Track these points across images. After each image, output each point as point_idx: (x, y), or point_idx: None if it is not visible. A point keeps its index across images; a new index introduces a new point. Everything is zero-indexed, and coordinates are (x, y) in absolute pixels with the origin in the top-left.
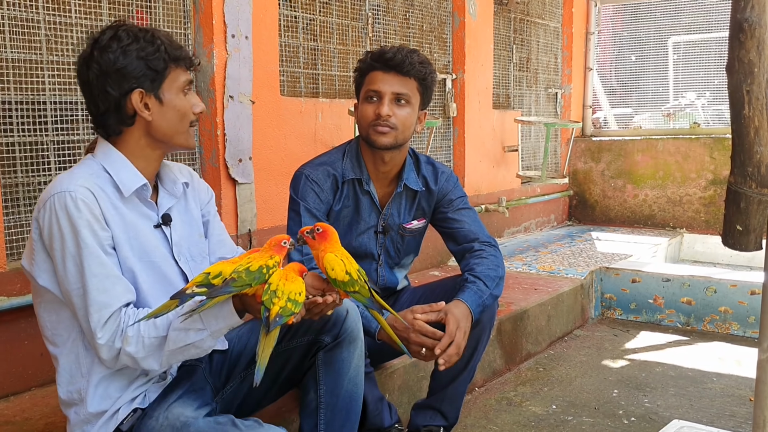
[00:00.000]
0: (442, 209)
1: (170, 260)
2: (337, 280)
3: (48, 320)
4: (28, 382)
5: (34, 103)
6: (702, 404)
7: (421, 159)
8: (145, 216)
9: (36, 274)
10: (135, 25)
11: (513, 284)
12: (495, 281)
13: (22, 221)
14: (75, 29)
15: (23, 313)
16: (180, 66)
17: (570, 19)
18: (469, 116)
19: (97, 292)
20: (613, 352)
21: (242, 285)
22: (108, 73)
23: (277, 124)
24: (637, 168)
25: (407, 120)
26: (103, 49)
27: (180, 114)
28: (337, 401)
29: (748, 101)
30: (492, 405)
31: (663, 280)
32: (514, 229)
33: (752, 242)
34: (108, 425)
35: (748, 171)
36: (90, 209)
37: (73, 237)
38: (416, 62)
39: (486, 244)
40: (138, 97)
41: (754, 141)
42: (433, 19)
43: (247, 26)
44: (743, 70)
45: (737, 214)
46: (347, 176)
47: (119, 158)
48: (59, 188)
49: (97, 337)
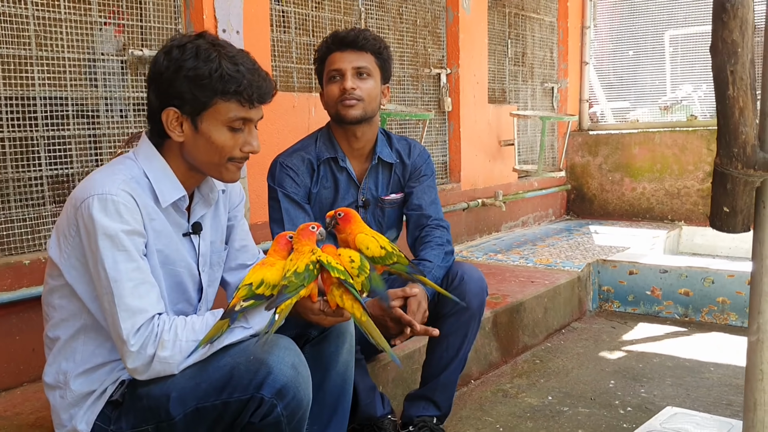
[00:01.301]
0: (411, 183)
1: (192, 269)
2: (375, 257)
3: (60, 306)
4: (20, 378)
5: (23, 99)
6: (699, 393)
7: (392, 136)
8: (176, 224)
9: (64, 270)
10: (215, 40)
11: (509, 277)
12: (441, 257)
13: (13, 217)
14: (64, 25)
15: (14, 309)
16: (232, 100)
17: (565, 14)
18: (465, 111)
19: (132, 297)
20: (611, 344)
21: (296, 287)
22: (156, 80)
23: (269, 119)
24: (635, 161)
25: (372, 91)
26: (167, 53)
27: (215, 148)
28: (325, 396)
29: (732, 82)
30: (488, 397)
31: (660, 272)
32: (512, 223)
33: (740, 223)
34: (96, 405)
35: (733, 152)
36: (131, 214)
37: (110, 240)
38: (369, 38)
39: (434, 227)
40: (172, 116)
41: (739, 121)
42: (426, 14)
43: (238, 21)
44: (727, 50)
45: (724, 195)
46: (322, 157)
47: (162, 166)
48: (99, 189)
49: (130, 344)
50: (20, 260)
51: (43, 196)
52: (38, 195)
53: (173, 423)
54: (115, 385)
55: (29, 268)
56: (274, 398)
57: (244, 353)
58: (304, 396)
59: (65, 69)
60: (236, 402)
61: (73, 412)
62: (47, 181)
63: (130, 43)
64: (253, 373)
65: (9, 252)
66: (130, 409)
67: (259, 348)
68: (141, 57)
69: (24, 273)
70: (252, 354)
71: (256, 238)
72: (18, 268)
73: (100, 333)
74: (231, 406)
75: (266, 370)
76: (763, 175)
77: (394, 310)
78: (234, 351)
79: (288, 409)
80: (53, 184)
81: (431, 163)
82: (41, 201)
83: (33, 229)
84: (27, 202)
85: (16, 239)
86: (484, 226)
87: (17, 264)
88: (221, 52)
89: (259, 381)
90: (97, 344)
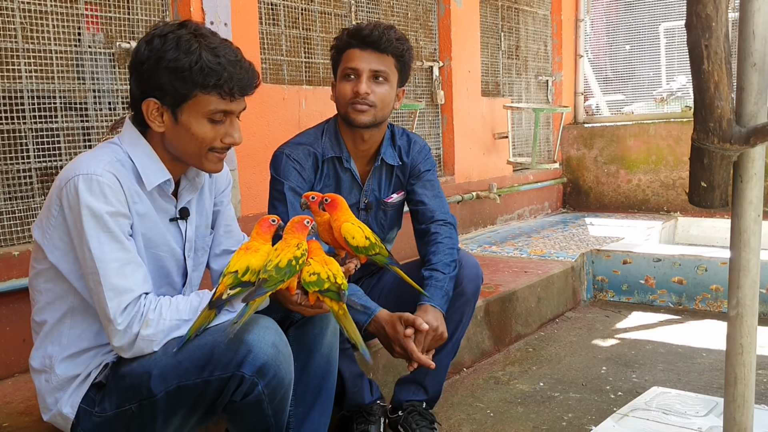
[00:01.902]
0: (411, 181)
1: (177, 254)
2: (359, 247)
3: (46, 289)
4: (11, 368)
5: (10, 92)
6: (690, 378)
7: (396, 132)
8: (162, 209)
9: (47, 250)
10: (198, 29)
11: (503, 268)
12: (451, 266)
13: (1, 209)
14: (51, 17)
15: (4, 300)
16: (212, 93)
17: (559, 7)
18: (458, 103)
19: (118, 277)
20: (604, 332)
21: (275, 283)
22: (137, 69)
23: (259, 111)
24: (630, 153)
25: (386, 97)
26: (148, 42)
27: (195, 139)
28: (309, 378)
29: (707, 56)
30: (479, 384)
31: (654, 261)
32: (507, 216)
33: (717, 198)
34: (81, 388)
35: (709, 126)
36: (116, 195)
37: (95, 220)
38: (393, 39)
39: (441, 224)
40: (153, 107)
41: (714, 96)
42: (418, 6)
43: (226, 13)
44: (701, 25)
45: (701, 170)
46: (327, 155)
47: (146, 150)
48: (84, 169)
49: (116, 323)
50: (9, 251)
51: (32, 189)
52: (27, 187)
53: (155, 401)
54: (99, 368)
55: (18, 259)
56: (254, 376)
57: (224, 333)
58: (285, 374)
59: (52, 62)
60: (217, 380)
61: (58, 395)
62: (36, 174)
63: (117, 35)
64: (233, 351)
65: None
66: (113, 390)
67: (232, 333)
68: (128, 49)
69: (13, 264)
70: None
71: (247, 230)
72: (7, 259)
73: (87, 315)
74: (212, 384)
75: (246, 348)
76: (740, 149)
77: (405, 340)
78: (214, 330)
79: (269, 387)
80: (42, 176)
81: (431, 158)
82: (30, 193)
83: (22, 221)
84: (16, 195)
85: (5, 231)
86: (479, 219)
87: (6, 255)
88: (202, 44)
89: (239, 359)
90: (83, 328)
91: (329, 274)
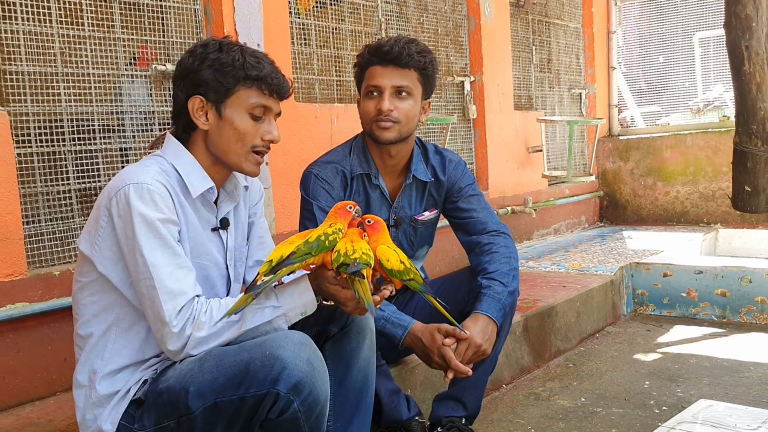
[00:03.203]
0: (452, 198)
1: (220, 263)
2: (394, 270)
3: (92, 302)
4: (53, 387)
5: (51, 115)
6: (738, 392)
7: (428, 148)
8: (205, 218)
9: (97, 261)
10: (235, 41)
11: (541, 283)
12: (510, 276)
13: (42, 230)
14: (88, 42)
15: (46, 319)
16: (253, 87)
17: (590, 19)
18: (490, 118)
19: (171, 281)
20: (646, 347)
21: (302, 255)
22: (182, 76)
23: (292, 130)
24: (667, 165)
25: (410, 112)
26: (191, 52)
27: (237, 134)
28: (347, 393)
29: (747, 57)
30: (519, 400)
31: (695, 273)
32: (544, 231)
33: (763, 203)
34: (120, 404)
35: (752, 129)
36: (165, 202)
37: (147, 227)
38: (414, 53)
39: (495, 234)
40: (198, 104)
41: (756, 97)
42: (447, 22)
43: (259, 34)
44: (740, 25)
45: (744, 174)
46: (355, 172)
47: (190, 160)
48: (135, 179)
49: (172, 326)
50: (50, 272)
51: (71, 210)
52: (67, 208)
53: (193, 417)
54: (138, 384)
55: (59, 278)
56: (290, 394)
57: (260, 348)
58: (321, 391)
59: (90, 85)
60: (253, 397)
61: (97, 412)
62: (75, 195)
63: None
64: (268, 368)
65: (39, 264)
66: (151, 407)
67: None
68: (164, 72)
69: (54, 284)
70: (268, 349)
71: None
72: (48, 279)
73: (131, 328)
74: (248, 401)
75: (281, 365)
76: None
77: (443, 348)
78: (250, 345)
79: (305, 404)
80: (81, 197)
81: (468, 173)
82: (70, 214)
83: (62, 242)
84: (56, 215)
85: (47, 251)
86: (515, 234)
87: (47, 275)
88: (242, 47)
89: (274, 376)
90: (126, 341)
91: (347, 248)
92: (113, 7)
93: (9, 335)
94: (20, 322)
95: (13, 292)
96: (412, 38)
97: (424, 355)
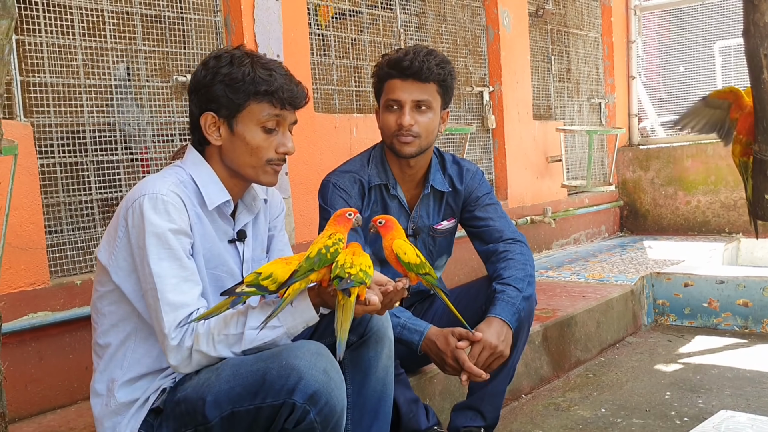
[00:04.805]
0: (470, 207)
1: (236, 274)
2: (411, 263)
3: (110, 312)
4: (74, 396)
5: (73, 126)
6: (761, 403)
7: (446, 158)
8: (222, 230)
9: (112, 270)
10: (251, 51)
11: (560, 292)
12: (525, 281)
13: (64, 239)
14: (110, 53)
15: (68, 328)
16: (264, 101)
17: (609, 29)
18: (509, 128)
19: (175, 293)
20: (667, 357)
21: (304, 272)
22: (195, 90)
23: (311, 140)
24: (688, 174)
25: (430, 125)
26: (204, 64)
27: (250, 149)
28: (365, 401)
29: (766, 65)
30: (539, 410)
31: (717, 283)
32: (563, 240)
33: None
34: (139, 413)
35: None
36: (179, 213)
37: (157, 238)
38: (434, 66)
39: (511, 242)
40: (210, 120)
41: None
42: (466, 33)
43: (278, 45)
44: (759, 33)
45: (765, 182)
46: (373, 182)
47: (208, 171)
48: (150, 189)
49: (170, 338)
50: (72, 281)
51: (93, 219)
52: (89, 218)
53: (210, 427)
54: (157, 393)
55: (81, 288)
56: (306, 404)
57: (276, 358)
58: (337, 402)
59: (112, 96)
60: (269, 407)
61: (116, 420)
62: (97, 205)
63: (173, 69)
64: (284, 378)
65: (61, 273)
66: (170, 416)
67: (285, 350)
68: (185, 83)
69: (76, 293)
70: (284, 359)
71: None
72: (70, 288)
73: (149, 338)
74: (264, 411)
75: (297, 375)
76: None
77: (457, 350)
78: (266, 355)
79: (321, 415)
80: (103, 207)
81: (485, 182)
82: (92, 224)
83: (84, 251)
84: (78, 225)
85: (69, 260)
86: (534, 244)
87: (69, 284)
88: (254, 59)
89: (290, 386)
90: (144, 351)
91: (346, 261)
92: (134, 19)
93: (31, 344)
94: (42, 331)
95: (35, 301)
96: (430, 49)
97: (438, 359)
